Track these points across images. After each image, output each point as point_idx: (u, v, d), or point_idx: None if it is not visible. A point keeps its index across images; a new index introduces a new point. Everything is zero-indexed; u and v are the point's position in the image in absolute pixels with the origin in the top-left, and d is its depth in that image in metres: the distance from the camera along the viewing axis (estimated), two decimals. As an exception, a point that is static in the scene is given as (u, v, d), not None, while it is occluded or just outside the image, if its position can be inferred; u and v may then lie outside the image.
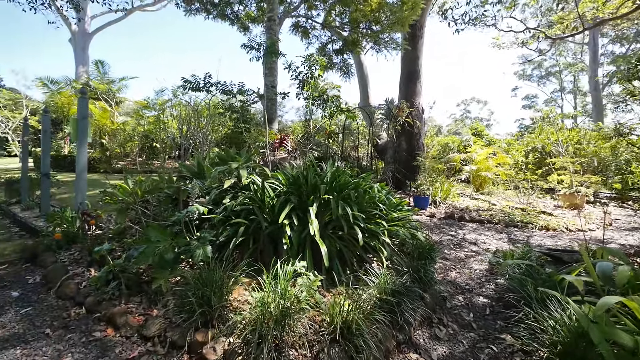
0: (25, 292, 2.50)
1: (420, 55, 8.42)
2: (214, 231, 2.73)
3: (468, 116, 54.44)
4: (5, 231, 4.21)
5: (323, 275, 2.60)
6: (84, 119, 3.80)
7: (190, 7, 8.80)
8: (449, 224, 5.55)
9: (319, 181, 2.97)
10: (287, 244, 2.57)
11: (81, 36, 19.79)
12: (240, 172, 3.14)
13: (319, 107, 5.36)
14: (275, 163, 4.22)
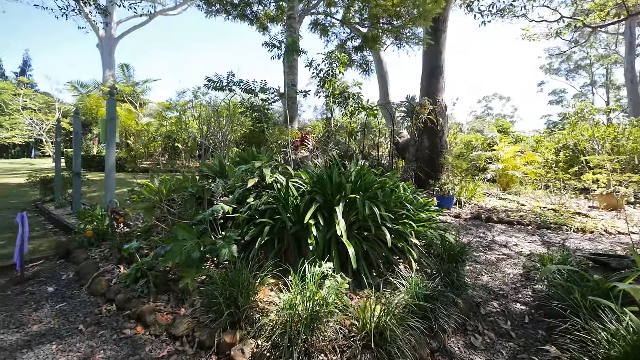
0: (59, 287, 2.58)
1: (443, 50, 8.14)
2: (238, 230, 2.71)
3: (490, 113, 52.63)
4: (40, 228, 4.40)
5: (350, 277, 2.52)
6: (112, 119, 3.90)
7: (211, 9, 8.92)
8: (476, 225, 5.32)
9: (344, 180, 2.89)
10: (312, 244, 2.51)
11: (108, 41, 20.64)
12: (263, 171, 3.11)
13: (340, 105, 5.27)
14: (296, 162, 4.17)
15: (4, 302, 2.31)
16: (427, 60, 8.22)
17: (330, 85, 5.15)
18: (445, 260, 2.85)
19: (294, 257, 2.79)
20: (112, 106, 3.91)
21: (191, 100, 14.65)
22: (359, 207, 2.63)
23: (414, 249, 2.89)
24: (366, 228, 2.97)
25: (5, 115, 19.52)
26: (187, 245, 2.42)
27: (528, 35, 9.29)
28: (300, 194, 3.01)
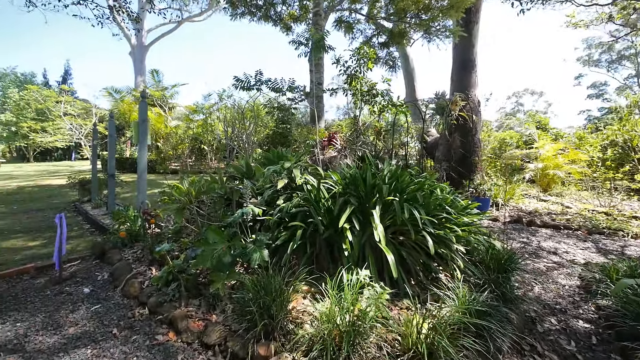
0: (95, 288, 2.59)
1: (476, 43, 7.68)
2: (268, 234, 2.60)
3: (520, 109, 50.08)
4: (78, 228, 4.57)
5: (387, 286, 2.33)
6: (144, 121, 3.96)
7: (236, 12, 9.01)
8: (517, 229, 4.91)
9: (380, 181, 2.71)
10: (347, 250, 2.35)
11: (139, 49, 21.65)
12: (293, 171, 2.99)
13: (367, 103, 5.07)
14: (325, 162, 4.03)
15: (43, 303, 2.34)
16: (457, 53, 7.80)
17: (358, 83, 4.97)
18: (493, 269, 2.58)
19: (326, 262, 2.65)
20: (143, 109, 3.97)
21: (216, 103, 15.00)
22: (396, 211, 2.43)
23: (457, 256, 2.65)
24: (402, 232, 2.77)
25: (49, 121, 21.01)
26: (218, 249, 2.34)
27: (573, 22, 8.52)
28: (332, 195, 2.86)
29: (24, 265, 2.97)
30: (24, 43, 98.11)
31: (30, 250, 3.51)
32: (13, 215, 5.36)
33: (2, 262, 3.11)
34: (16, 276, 2.77)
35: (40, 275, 2.83)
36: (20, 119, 20.64)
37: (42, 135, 20.79)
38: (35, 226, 4.63)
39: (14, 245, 3.72)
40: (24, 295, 2.45)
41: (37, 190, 8.02)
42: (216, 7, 24.14)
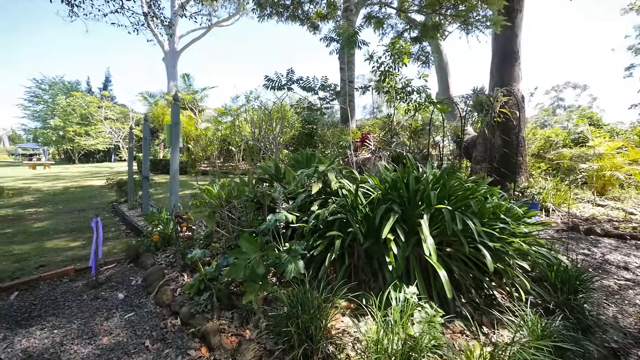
0: (129, 294, 2.56)
1: (519, 33, 7.07)
2: (303, 242, 2.43)
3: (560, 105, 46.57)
4: (115, 229, 4.70)
5: (434, 304, 2.07)
6: (176, 124, 3.96)
7: (263, 13, 9.00)
8: (574, 238, 4.38)
9: (425, 186, 2.44)
10: (392, 263, 2.11)
11: (171, 55, 22.60)
12: (328, 175, 2.80)
13: (402, 101, 4.77)
14: (358, 164, 3.80)
15: (80, 308, 2.33)
16: (498, 45, 7.22)
17: (392, 79, 4.68)
18: (561, 289, 2.23)
19: (366, 275, 2.43)
20: (176, 111, 3.97)
21: (243, 105, 15.24)
22: (446, 220, 2.15)
23: (515, 271, 2.32)
24: (449, 243, 2.48)
25: (92, 125, 22.54)
26: (251, 259, 2.20)
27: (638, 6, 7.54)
28: (370, 202, 2.63)
29: (65, 267, 3.03)
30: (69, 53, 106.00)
31: (71, 251, 3.61)
32: (58, 215, 5.65)
33: (45, 263, 3.20)
34: (57, 278, 2.82)
35: (78, 278, 2.87)
36: (67, 124, 22.34)
37: (85, 139, 22.34)
38: (77, 226, 4.82)
39: (57, 246, 3.86)
40: (62, 299, 2.46)
41: (80, 191, 8.50)
42: (243, 12, 24.65)
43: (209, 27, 24.60)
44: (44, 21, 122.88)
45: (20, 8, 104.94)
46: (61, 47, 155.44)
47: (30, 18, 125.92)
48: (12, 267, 3.10)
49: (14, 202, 6.75)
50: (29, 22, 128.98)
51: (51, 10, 44.47)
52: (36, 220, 5.26)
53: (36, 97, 30.51)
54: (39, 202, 6.91)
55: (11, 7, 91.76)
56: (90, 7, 6.06)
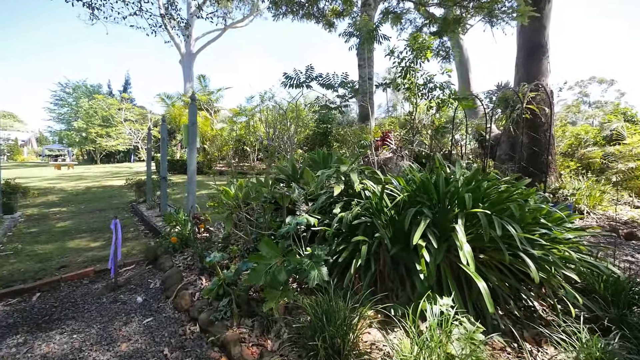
0: (147, 298, 2.51)
1: (547, 24, 6.69)
2: (326, 247, 2.30)
3: (585, 101, 44.58)
4: (134, 229, 4.72)
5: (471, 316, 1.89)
6: (193, 124, 3.92)
7: (278, 12, 8.94)
8: (614, 243, 4.04)
9: (459, 188, 2.26)
10: (423, 271, 1.95)
11: (188, 56, 23.00)
12: (350, 176, 2.65)
13: (424, 97, 4.56)
14: (379, 164, 3.64)
15: (99, 312, 2.29)
16: (524, 38, 6.86)
17: (413, 75, 4.48)
18: (612, 301, 2.01)
19: (393, 283, 2.27)
20: (193, 111, 3.93)
21: (258, 105, 15.29)
22: (483, 226, 1.97)
23: (558, 281, 2.10)
24: (482, 249, 2.29)
25: (112, 126, 23.24)
26: (272, 264, 2.10)
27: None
28: (395, 204, 2.47)
29: (85, 268, 3.03)
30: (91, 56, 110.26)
31: (92, 252, 3.62)
32: (80, 215, 5.77)
33: (67, 263, 3.22)
34: (77, 280, 2.81)
35: (98, 279, 2.85)
36: (90, 126, 23.13)
37: (106, 140, 23.07)
38: (98, 226, 4.88)
39: (78, 246, 3.90)
40: (82, 301, 2.44)
41: (101, 191, 8.70)
42: (256, 12, 24.80)
43: (223, 28, 24.89)
44: (42, 15, 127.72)
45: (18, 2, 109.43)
46: (85, 51, 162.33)
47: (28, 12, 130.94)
48: (35, 267, 3.12)
49: (39, 201, 6.96)
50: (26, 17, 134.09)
51: (50, 5, 45.20)
52: (59, 219, 5.37)
53: (61, 100, 31.81)
54: (62, 201, 7.10)
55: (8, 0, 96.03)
56: (110, 10, 6.17)
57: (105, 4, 5.99)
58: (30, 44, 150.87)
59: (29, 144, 39.82)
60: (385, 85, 4.31)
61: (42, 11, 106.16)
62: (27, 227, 4.83)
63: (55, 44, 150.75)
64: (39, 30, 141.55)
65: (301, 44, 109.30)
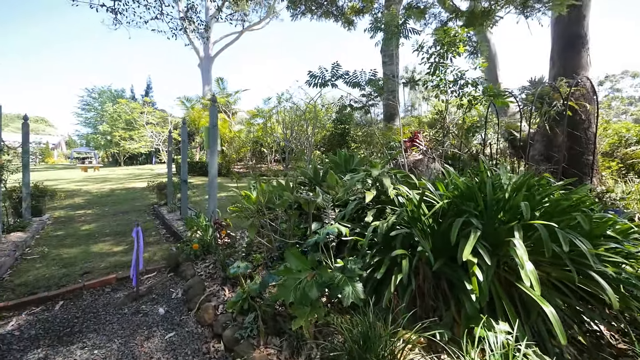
0: (169, 309, 2.40)
1: (587, 13, 6.18)
2: (359, 260, 2.10)
3: (617, 96, 42.08)
4: (156, 233, 4.69)
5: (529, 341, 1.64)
6: (214, 126, 3.82)
7: (296, 11, 8.82)
8: (677, 254, 3.59)
9: (510, 195, 2.00)
10: (475, 292, 1.71)
11: (206, 60, 23.40)
12: (383, 181, 2.44)
13: (454, 95, 4.27)
14: (409, 167, 3.40)
15: (121, 324, 2.19)
16: (560, 29, 6.37)
17: (442, 72, 4.21)
18: None
19: (435, 301, 2.04)
20: (214, 113, 3.83)
21: (275, 107, 15.28)
22: (544, 240, 1.70)
23: (635, 304, 1.80)
24: (536, 263, 2.02)
25: (135, 130, 23.98)
26: (302, 279, 1.92)
27: None
28: (434, 212, 2.23)
29: (107, 275, 2.97)
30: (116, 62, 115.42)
31: (114, 257, 3.58)
32: (104, 217, 5.84)
33: (89, 269, 3.18)
34: (100, 287, 2.75)
35: (120, 287, 2.78)
36: (114, 129, 23.97)
37: (129, 143, 23.83)
38: (121, 229, 4.89)
39: (101, 250, 3.88)
40: (104, 312, 2.35)
41: (125, 193, 8.87)
42: (273, 15, 24.92)
43: (240, 31, 25.18)
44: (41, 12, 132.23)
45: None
46: (108, 56, 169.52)
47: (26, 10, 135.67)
48: (60, 272, 3.10)
49: (66, 203, 7.14)
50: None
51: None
52: (84, 222, 5.45)
53: (88, 105, 33.24)
54: (87, 203, 7.26)
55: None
56: (133, 15, 6.25)
57: (128, 8, 6.08)
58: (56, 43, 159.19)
59: (59, 147, 41.90)
60: (414, 82, 4.06)
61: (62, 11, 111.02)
62: (54, 229, 4.91)
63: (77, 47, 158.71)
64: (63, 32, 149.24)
65: (319, 44, 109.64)
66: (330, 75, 3.47)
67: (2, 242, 3.84)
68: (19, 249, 3.73)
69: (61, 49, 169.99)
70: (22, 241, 3.99)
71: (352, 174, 2.72)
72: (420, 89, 4.12)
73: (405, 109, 21.79)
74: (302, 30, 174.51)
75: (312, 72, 3.46)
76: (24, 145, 5.08)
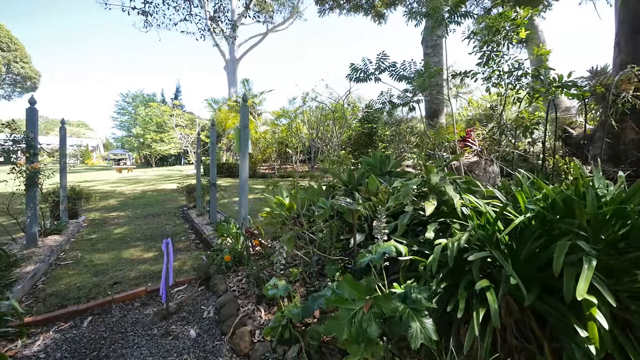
0: (201, 331, 2.16)
1: (663, -10, 5.35)
2: (425, 287, 1.73)
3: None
4: (185, 238, 4.56)
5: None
6: (246, 128, 3.59)
7: (324, 7, 8.50)
8: None
9: (624, 210, 1.54)
10: (594, 341, 1.29)
11: (231, 62, 23.76)
12: (446, 190, 2.05)
13: (509, 87, 3.75)
14: (463, 170, 2.96)
15: (149, 348, 1.98)
16: (629, 10, 5.57)
17: (496, 62, 3.71)
18: None
19: (519, 341, 1.63)
20: (245, 113, 3.60)
21: (300, 107, 15.07)
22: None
23: None
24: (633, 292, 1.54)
25: (165, 132, 24.84)
26: (356, 310, 1.59)
27: None
28: (513, 230, 1.81)
29: (137, 285, 2.82)
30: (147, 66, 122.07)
31: (144, 265, 3.45)
32: (136, 220, 5.85)
33: (119, 279, 3.04)
34: (129, 301, 2.58)
35: (150, 302, 2.59)
36: (146, 132, 24.99)
37: (160, 145, 24.74)
38: (151, 233, 4.83)
39: (132, 256, 3.78)
40: (132, 332, 2.16)
41: (155, 195, 9.01)
42: (296, 14, 24.82)
43: (265, 33, 25.33)
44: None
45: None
46: (139, 61, 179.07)
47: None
48: (91, 281, 2.99)
49: (100, 205, 7.31)
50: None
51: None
52: (117, 225, 5.47)
53: (122, 109, 35.05)
54: (120, 205, 7.39)
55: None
56: (163, 17, 6.25)
57: (158, 11, 6.08)
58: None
59: (97, 149, 44.63)
60: (463, 74, 3.60)
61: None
62: (88, 232, 4.93)
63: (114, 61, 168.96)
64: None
65: (347, 44, 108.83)
66: (374, 68, 3.10)
67: (39, 247, 3.85)
68: (53, 253, 3.71)
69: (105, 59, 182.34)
70: (58, 245, 3.99)
71: (407, 180, 2.35)
72: (450, 86, 3.65)
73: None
74: (325, 30, 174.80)
75: (353, 64, 3.11)
76: (60, 149, 5.17)
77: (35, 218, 3.81)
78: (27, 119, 3.80)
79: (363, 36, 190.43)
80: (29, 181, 3.71)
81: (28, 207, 3.75)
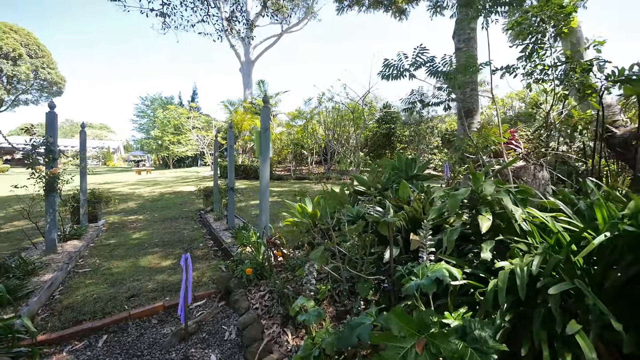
0: (223, 356, 1.96)
1: None
2: (486, 321, 1.45)
3: None
4: (203, 245, 4.42)
5: None
6: (267, 130, 3.39)
7: (342, 4, 8.25)
8: None
9: None
10: None
11: (247, 64, 23.87)
12: (504, 202, 1.75)
13: (556, 83, 3.38)
14: (508, 175, 2.64)
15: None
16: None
17: (539, 56, 3.35)
18: None
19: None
20: (266, 115, 3.40)
21: (316, 107, 14.86)
22: None
23: None
24: None
25: (182, 134, 25.26)
26: (408, 350, 1.33)
27: None
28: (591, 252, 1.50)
29: (154, 301, 2.66)
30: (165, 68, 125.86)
31: (162, 275, 3.31)
32: (154, 224, 5.79)
33: (136, 290, 2.90)
34: (145, 318, 2.42)
35: (168, 319, 2.42)
36: (164, 134, 25.49)
37: (177, 147, 25.17)
38: (168, 239, 4.72)
39: (149, 264, 3.66)
40: (149, 355, 1.98)
41: (173, 197, 9.02)
42: (311, 15, 24.67)
43: (280, 34, 25.31)
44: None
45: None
46: (157, 64, 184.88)
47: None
48: (108, 293, 2.86)
49: (120, 208, 7.34)
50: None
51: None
52: (135, 229, 5.41)
53: (142, 112, 35.99)
54: (139, 208, 7.39)
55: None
56: (180, 19, 6.19)
57: (176, 12, 6.02)
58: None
59: (118, 151, 46.08)
60: (506, 69, 3.26)
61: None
62: (107, 237, 4.88)
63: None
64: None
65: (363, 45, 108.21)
66: (410, 63, 2.82)
67: (58, 253, 3.79)
68: (72, 260, 3.63)
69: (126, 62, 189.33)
70: (76, 251, 3.92)
71: (454, 191, 2.06)
72: (521, 75, 3.32)
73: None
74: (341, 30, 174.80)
75: (387, 60, 2.84)
76: (81, 153, 5.15)
77: (54, 224, 3.75)
78: (47, 123, 3.76)
79: (378, 37, 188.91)
80: (48, 186, 3.65)
81: (47, 213, 3.69)
